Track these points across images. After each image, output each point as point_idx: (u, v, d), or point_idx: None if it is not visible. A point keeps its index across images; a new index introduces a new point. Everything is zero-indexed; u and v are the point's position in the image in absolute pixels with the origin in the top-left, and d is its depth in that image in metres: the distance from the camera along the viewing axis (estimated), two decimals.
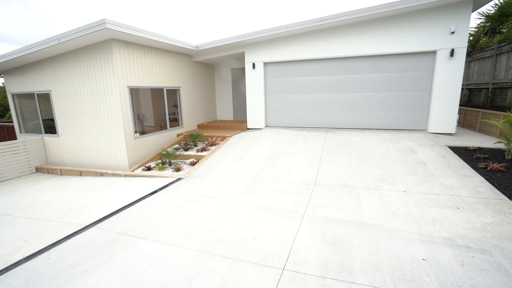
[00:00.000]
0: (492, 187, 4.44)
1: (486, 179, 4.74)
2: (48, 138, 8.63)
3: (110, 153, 7.56)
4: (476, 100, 10.28)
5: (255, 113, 9.59)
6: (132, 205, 4.71)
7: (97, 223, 4.06)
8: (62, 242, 3.55)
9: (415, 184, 4.75)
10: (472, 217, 3.56)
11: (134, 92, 7.71)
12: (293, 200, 4.45)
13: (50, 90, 8.03)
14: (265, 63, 9.22)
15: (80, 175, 7.69)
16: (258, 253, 3.04)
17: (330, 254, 2.94)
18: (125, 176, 6.94)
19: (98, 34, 6.14)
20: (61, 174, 8.03)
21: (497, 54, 9.02)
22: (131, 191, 5.55)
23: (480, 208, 3.81)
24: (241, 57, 10.13)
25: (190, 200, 4.75)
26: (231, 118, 11.97)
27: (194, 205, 4.52)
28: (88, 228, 3.90)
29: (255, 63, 9.20)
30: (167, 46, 8.22)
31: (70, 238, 3.64)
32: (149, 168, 7.18)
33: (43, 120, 8.61)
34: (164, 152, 7.53)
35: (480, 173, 4.96)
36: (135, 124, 7.84)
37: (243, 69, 10.21)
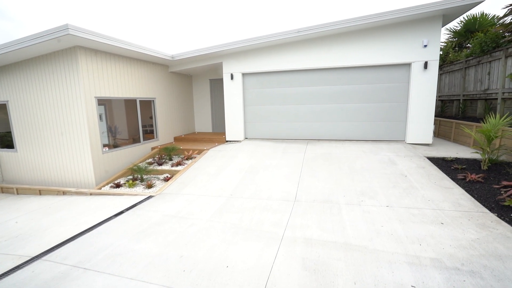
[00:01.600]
0: (473, 199, 4.37)
1: (466, 190, 4.68)
2: (4, 153, 7.81)
3: (75, 169, 6.91)
4: (449, 111, 10.63)
5: (233, 125, 9.29)
6: (92, 229, 4.18)
7: (46, 254, 3.50)
8: None
9: (397, 197, 4.60)
10: (457, 234, 3.40)
11: (107, 104, 7.20)
12: (272, 219, 4.12)
13: (7, 101, 7.31)
14: (243, 74, 9.02)
15: (40, 194, 6.94)
16: (231, 285, 2.66)
17: (311, 283, 2.62)
18: (91, 194, 6.32)
19: (60, 40, 5.65)
20: (18, 194, 7.22)
21: (465, 68, 9.41)
22: (94, 213, 4.99)
23: (464, 222, 3.67)
24: (219, 68, 9.89)
25: (159, 221, 4.29)
26: (210, 130, 11.59)
27: (163, 228, 4.07)
28: (34, 261, 3.34)
29: (233, 73, 8.98)
30: (141, 55, 7.81)
31: (7, 275, 3.07)
32: (118, 185, 6.60)
33: None
34: (135, 167, 6.99)
35: (459, 185, 4.91)
36: (109, 136, 7.31)
37: (222, 80, 9.95)
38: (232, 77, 9.00)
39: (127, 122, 8.14)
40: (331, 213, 4.20)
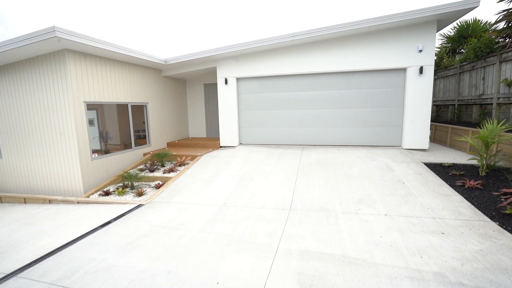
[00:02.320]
0: (473, 207, 4.25)
1: (465, 197, 4.56)
2: None
3: (62, 177, 6.65)
4: (444, 116, 10.62)
5: (228, 130, 9.12)
6: (76, 242, 3.94)
7: (23, 270, 3.26)
8: None
9: (395, 205, 4.46)
10: (459, 245, 3.25)
11: (99, 109, 6.99)
12: (266, 229, 3.94)
13: None
14: (238, 79, 8.89)
15: (25, 202, 6.65)
16: None
17: None
18: (78, 203, 6.07)
19: (47, 43, 5.45)
20: (2, 202, 6.92)
21: (460, 73, 9.42)
22: (80, 223, 4.74)
23: (465, 232, 3.53)
24: (213, 72, 9.75)
25: (147, 233, 4.07)
26: (204, 135, 11.40)
27: (151, 239, 3.85)
28: (8, 279, 3.10)
29: (227, 78, 8.84)
30: (132, 59, 7.63)
31: None
32: (107, 193, 6.35)
33: None
34: (125, 174, 6.75)
35: (458, 192, 4.79)
36: (100, 142, 7.09)
37: (216, 84, 9.80)
38: (226, 82, 8.85)
39: (119, 127, 7.92)
40: (328, 223, 4.03)
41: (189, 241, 3.74)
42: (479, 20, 10.24)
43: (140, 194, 6.11)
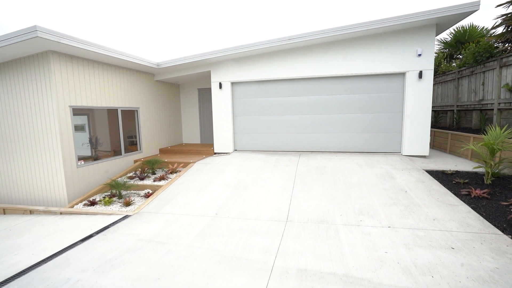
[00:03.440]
0: (481, 218, 3.98)
1: (472, 208, 4.30)
2: None
3: (45, 185, 6.26)
4: (442, 122, 10.46)
5: (222, 136, 8.82)
6: (51, 259, 3.57)
7: None
8: None
9: (399, 216, 4.18)
10: (472, 261, 2.97)
11: (90, 114, 6.68)
12: (261, 244, 3.62)
13: None
14: (232, 83, 8.64)
15: (4, 213, 6.23)
16: None
17: None
18: (61, 213, 5.68)
19: (29, 44, 5.14)
20: None
21: (458, 78, 9.30)
22: (59, 237, 4.37)
23: (477, 247, 3.26)
24: (208, 77, 9.50)
25: (131, 248, 3.72)
26: (198, 142, 11.07)
27: (135, 256, 3.51)
28: None
29: (221, 82, 8.58)
30: (123, 62, 7.34)
31: None
32: (93, 203, 5.98)
33: None
34: (113, 182, 6.39)
35: (464, 201, 4.54)
36: (91, 149, 6.78)
37: (211, 89, 9.55)
38: (220, 86, 8.59)
39: (109, 133, 7.58)
40: (327, 236, 3.73)
41: (176, 257, 3.41)
42: (476, 26, 10.20)
43: (127, 203, 5.75)
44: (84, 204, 6.02)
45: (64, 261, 3.49)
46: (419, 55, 7.04)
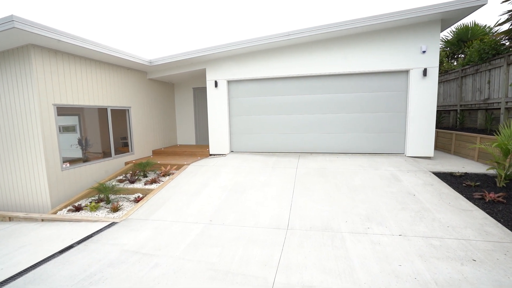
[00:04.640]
0: (500, 224, 3.65)
1: (488, 213, 3.97)
2: None
3: (27, 190, 5.82)
4: (445, 122, 10.19)
5: (218, 137, 8.44)
6: (23, 275, 3.16)
7: None
8: None
9: (410, 223, 3.83)
10: (499, 277, 2.62)
11: (81, 113, 6.27)
12: (260, 255, 3.24)
13: None
14: (228, 81, 8.27)
15: None
16: None
17: None
18: (42, 220, 5.24)
19: (5, 36, 4.72)
20: None
21: (462, 77, 9.03)
22: (36, 248, 3.95)
23: (501, 259, 2.91)
24: (203, 75, 9.11)
25: (114, 261, 3.32)
26: (193, 143, 10.67)
27: (118, 270, 3.11)
28: None
29: (217, 81, 8.21)
30: (113, 59, 6.94)
31: None
32: (78, 208, 5.56)
33: None
34: (100, 186, 5.97)
35: (478, 206, 4.21)
36: (82, 150, 6.40)
37: (206, 88, 9.18)
38: (216, 85, 8.22)
39: (100, 134, 7.17)
40: (333, 246, 3.36)
41: (164, 272, 3.02)
42: (478, 24, 9.96)
43: (115, 209, 5.34)
44: (69, 210, 5.59)
45: (37, 278, 3.08)
46: (424, 52, 6.74)
